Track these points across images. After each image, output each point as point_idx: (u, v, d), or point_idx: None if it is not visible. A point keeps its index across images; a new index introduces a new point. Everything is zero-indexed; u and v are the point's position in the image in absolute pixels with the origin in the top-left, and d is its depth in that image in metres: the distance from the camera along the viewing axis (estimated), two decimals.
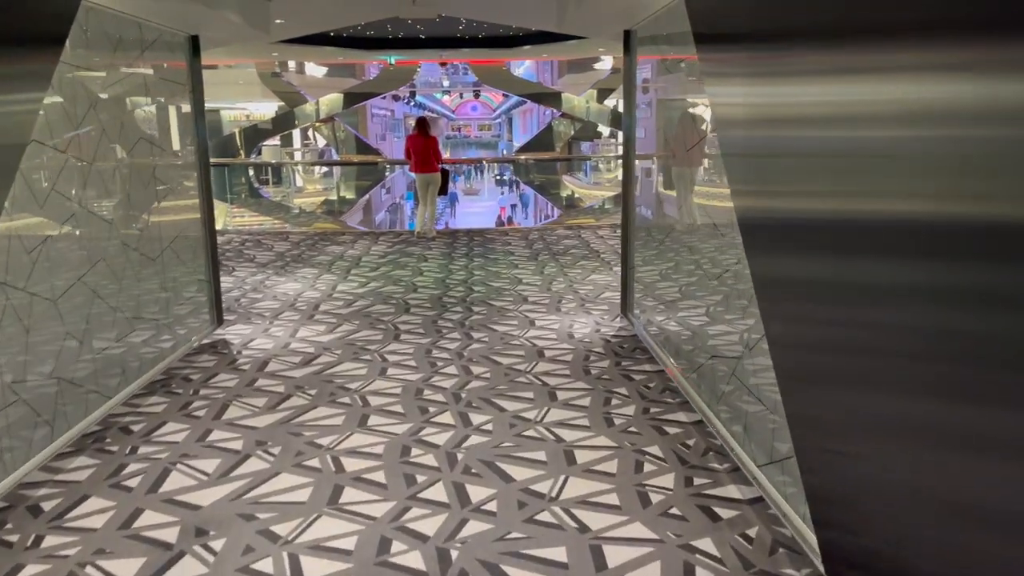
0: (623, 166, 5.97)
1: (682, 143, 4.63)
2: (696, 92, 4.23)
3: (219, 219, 14.56)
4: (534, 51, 11.24)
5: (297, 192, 18.82)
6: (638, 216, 5.87)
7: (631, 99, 5.77)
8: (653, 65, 5.30)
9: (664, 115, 5.05)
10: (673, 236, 4.85)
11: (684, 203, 4.61)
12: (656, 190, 5.35)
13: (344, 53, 10.89)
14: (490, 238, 11.04)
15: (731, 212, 3.39)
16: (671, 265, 4.89)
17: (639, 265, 5.85)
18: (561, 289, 7.54)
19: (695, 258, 4.29)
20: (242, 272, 8.68)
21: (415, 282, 8.02)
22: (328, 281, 8.11)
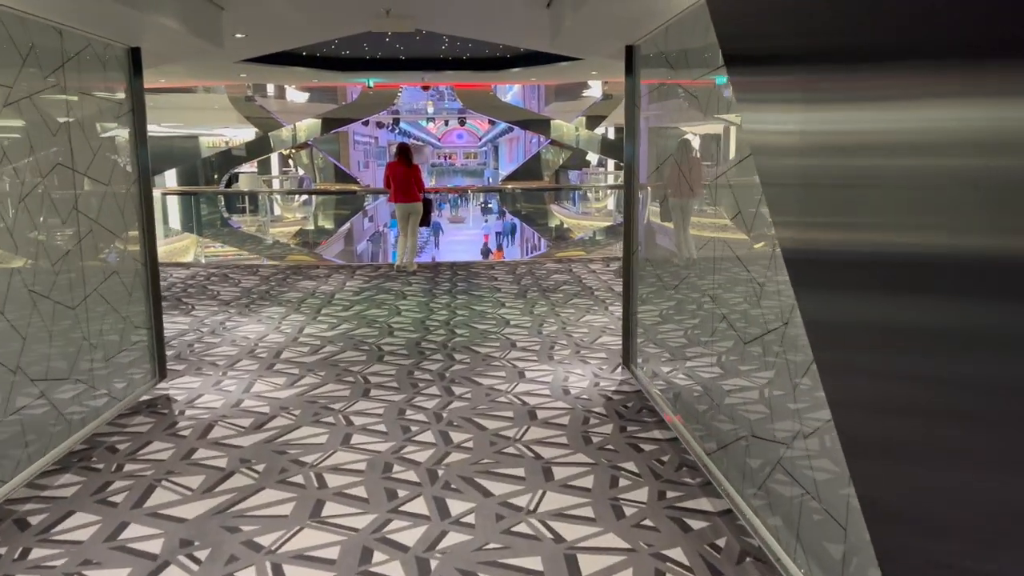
0: (625, 197, 5.27)
1: (680, 172, 4.13)
2: (698, 116, 3.57)
3: (189, 252, 13.78)
4: (523, 74, 10.62)
5: (274, 221, 18.08)
6: (640, 253, 5.17)
7: (634, 123, 5.09)
8: (652, 87, 4.63)
9: (674, 141, 4.37)
10: (680, 273, 4.15)
11: (682, 236, 4.14)
12: (661, 223, 4.68)
13: (318, 75, 10.23)
14: (475, 272, 10.32)
15: (740, 245, 2.71)
16: (687, 309, 4.18)
17: (643, 308, 5.13)
18: (553, 332, 6.81)
19: (710, 302, 3.58)
20: (202, 311, 7.90)
21: (391, 324, 7.26)
22: (295, 322, 7.34)
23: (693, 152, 4.14)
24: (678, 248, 4.46)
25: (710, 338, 3.68)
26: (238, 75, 9.86)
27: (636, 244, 5.17)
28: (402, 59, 10.15)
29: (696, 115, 3.90)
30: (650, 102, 4.80)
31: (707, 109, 3.65)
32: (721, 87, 4.09)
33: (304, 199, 18.09)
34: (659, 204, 4.69)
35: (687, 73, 3.98)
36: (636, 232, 5.17)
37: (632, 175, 5.15)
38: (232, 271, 10.61)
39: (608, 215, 18.50)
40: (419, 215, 10.38)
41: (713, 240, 3.58)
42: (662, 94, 4.53)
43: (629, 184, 5.19)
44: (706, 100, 3.67)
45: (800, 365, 2.63)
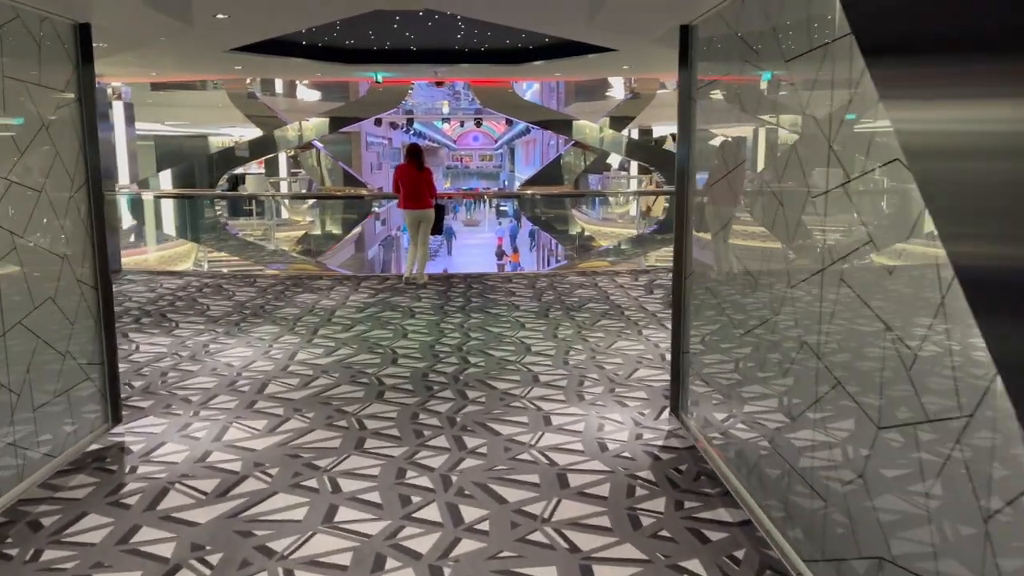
0: (676, 210, 4.34)
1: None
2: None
3: (187, 259, 12.96)
4: (545, 68, 9.67)
5: (281, 225, 17.27)
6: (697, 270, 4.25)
7: (689, 121, 4.18)
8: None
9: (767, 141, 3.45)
10: (758, 311, 3.23)
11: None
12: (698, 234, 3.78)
13: (321, 68, 9.35)
14: (491, 285, 9.42)
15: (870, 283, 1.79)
16: (768, 360, 3.26)
17: (698, 345, 4.21)
18: (581, 362, 5.90)
19: (811, 358, 2.66)
20: (186, 330, 7.04)
21: (396, 348, 6.37)
22: (287, 346, 6.47)
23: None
24: (716, 262, 3.62)
25: (813, 410, 2.75)
26: (232, 67, 9.04)
27: (690, 267, 4.25)
28: (413, 50, 9.25)
29: (787, 112, 2.98)
30: (712, 95, 3.87)
31: (810, 105, 2.73)
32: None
33: (314, 202, 17.27)
34: (720, 219, 3.79)
35: (772, 60, 3.06)
36: (689, 252, 4.25)
37: (685, 183, 4.23)
38: (228, 281, 9.77)
39: (631, 221, 17.55)
40: (431, 222, 9.50)
41: (819, 270, 2.66)
42: (730, 86, 3.61)
43: (681, 194, 4.27)
44: (804, 95, 2.75)
45: (1002, 486, 1.71)
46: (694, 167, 4.15)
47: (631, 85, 16.30)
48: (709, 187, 3.91)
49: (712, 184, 3.84)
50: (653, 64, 8.96)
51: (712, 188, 3.83)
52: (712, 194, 3.82)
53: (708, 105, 3.91)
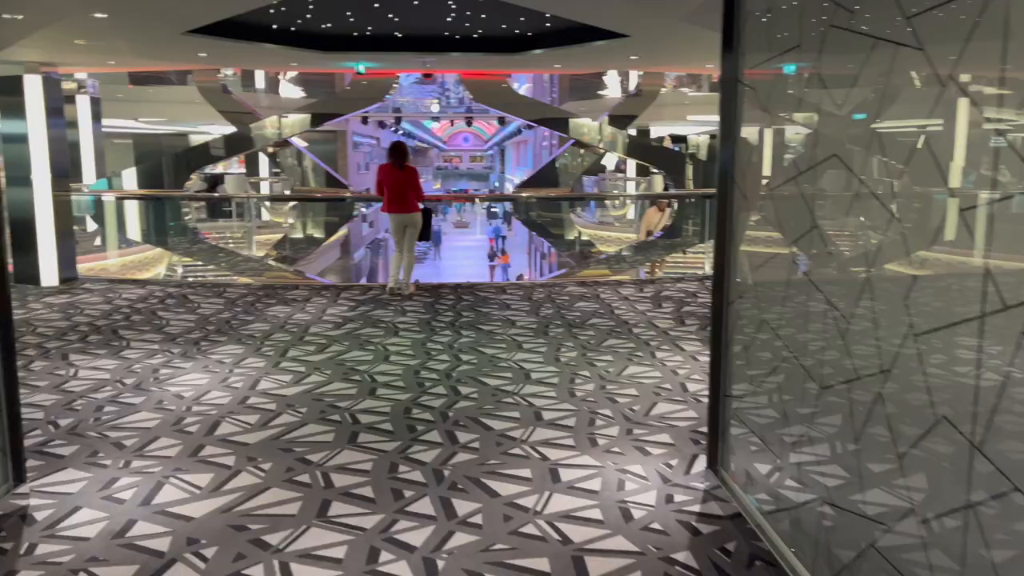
0: (718, 220, 3.52)
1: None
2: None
3: (154, 265, 12.05)
4: (545, 58, 8.80)
5: (261, 227, 16.40)
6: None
7: (733, 115, 3.36)
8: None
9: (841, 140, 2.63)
10: (832, 342, 2.42)
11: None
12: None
13: (296, 55, 8.47)
14: (483, 296, 8.59)
15: None
16: (845, 408, 2.44)
17: (745, 387, 3.40)
18: (590, 394, 5.08)
19: (925, 403, 1.85)
20: (137, 350, 6.18)
21: (375, 375, 5.54)
22: (251, 370, 5.62)
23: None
24: (783, 288, 2.83)
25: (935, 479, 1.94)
26: (196, 54, 8.18)
27: (735, 291, 3.42)
28: (398, 37, 8.39)
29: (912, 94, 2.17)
30: (775, 76, 3.05)
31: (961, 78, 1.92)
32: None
33: (296, 203, 16.37)
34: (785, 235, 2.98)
35: (880, 19, 2.25)
36: (734, 272, 3.43)
37: (729, 189, 3.41)
38: (195, 291, 8.90)
39: (630, 225, 16.76)
40: (417, 227, 8.67)
41: (974, 317, 1.84)
42: (809, 61, 2.80)
43: (724, 203, 3.45)
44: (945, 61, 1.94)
45: None
46: (741, 170, 3.33)
47: (639, 78, 15.54)
48: (770, 194, 3.08)
49: (775, 189, 3.02)
50: (664, 54, 8.16)
51: (779, 195, 3.00)
52: (778, 204, 2.99)
53: (768, 90, 3.08)
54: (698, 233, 12.74)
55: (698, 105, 17.00)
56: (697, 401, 4.94)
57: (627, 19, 6.03)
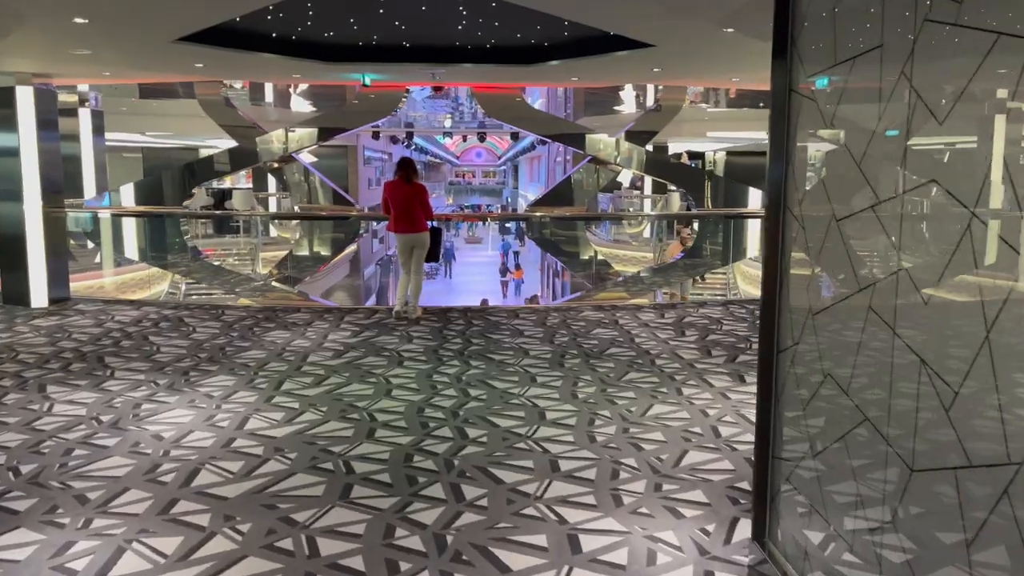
0: (767, 249, 3.02)
1: None
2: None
3: (157, 284, 11.64)
4: (561, 71, 8.30)
5: (268, 244, 16.02)
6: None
7: (785, 130, 2.87)
8: None
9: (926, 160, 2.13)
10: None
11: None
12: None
13: (297, 66, 8.04)
14: (494, 320, 8.11)
15: None
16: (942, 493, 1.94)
17: (801, 448, 2.89)
18: (611, 439, 4.57)
19: None
20: (121, 381, 5.73)
21: (375, 412, 5.05)
22: (240, 405, 5.15)
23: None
24: (858, 334, 2.31)
25: None
26: (192, 65, 7.79)
27: (790, 335, 2.91)
28: (405, 46, 7.96)
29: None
30: (844, 83, 2.56)
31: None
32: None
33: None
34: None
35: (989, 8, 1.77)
36: (787, 312, 2.92)
37: (780, 214, 2.92)
38: (192, 314, 8.47)
39: (646, 243, 16.27)
40: (425, 247, 8.21)
41: None
42: (889, 63, 2.31)
43: (775, 229, 2.95)
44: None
45: None
46: (794, 194, 2.83)
47: (648, 97, 15.09)
48: (836, 222, 2.59)
49: (845, 220, 2.52)
50: (688, 66, 7.69)
51: (850, 225, 2.50)
52: (849, 235, 2.49)
53: (834, 101, 2.59)
54: (718, 254, 12.24)
55: (717, 121, 16.54)
56: (732, 449, 4.42)
57: (658, 26, 5.57)
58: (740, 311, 8.74)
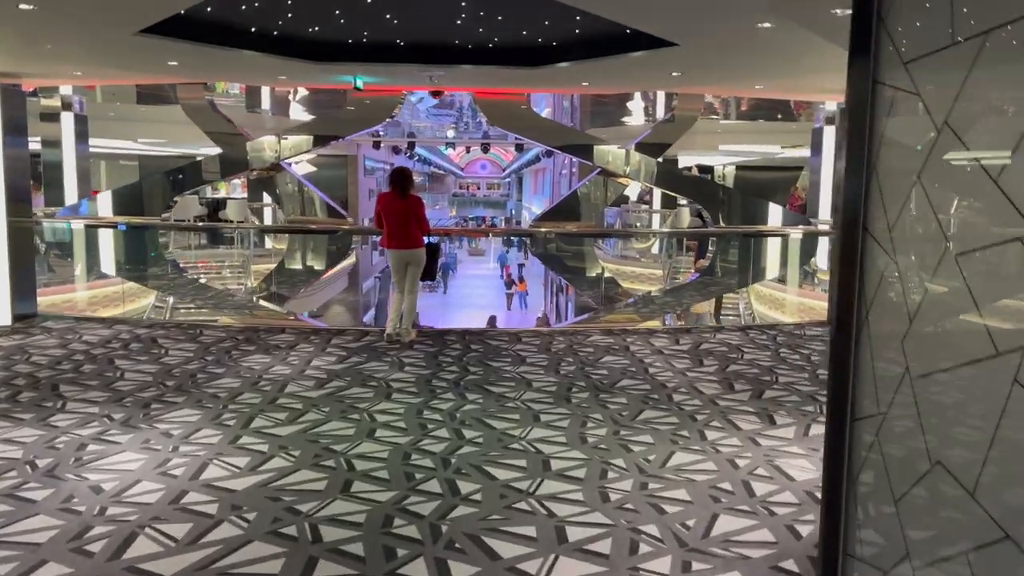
0: (840, 288, 2.35)
1: None
2: None
3: (140, 300, 10.98)
4: (571, 73, 7.62)
5: (260, 256, 15.38)
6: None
7: (863, 131, 2.21)
8: None
9: None
10: None
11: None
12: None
13: (280, 66, 7.37)
14: (494, 345, 7.45)
15: None
16: None
17: (878, 543, 2.21)
18: (627, 498, 3.90)
19: None
20: (71, 415, 5.08)
21: (353, 459, 4.39)
22: (200, 448, 4.49)
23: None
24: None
25: None
26: (166, 64, 7.16)
27: (870, 402, 2.24)
28: (399, 45, 7.32)
29: None
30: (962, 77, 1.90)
31: None
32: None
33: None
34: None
35: None
36: (867, 367, 2.25)
37: (858, 238, 2.25)
38: (168, 333, 7.82)
39: (655, 260, 15.60)
40: (420, 265, 7.56)
41: None
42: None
43: (850, 264, 2.28)
44: None
45: None
46: (887, 211, 2.17)
47: (664, 106, 14.51)
48: (952, 252, 1.92)
49: (980, 250, 1.86)
50: (712, 68, 7.04)
51: (991, 258, 1.84)
52: (970, 271, 1.82)
53: (950, 92, 1.93)
54: (731, 273, 11.57)
55: (731, 134, 15.91)
56: (769, 513, 3.75)
57: (685, 20, 4.92)
58: (761, 337, 8.07)
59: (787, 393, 5.91)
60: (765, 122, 15.17)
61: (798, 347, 7.57)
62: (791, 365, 6.82)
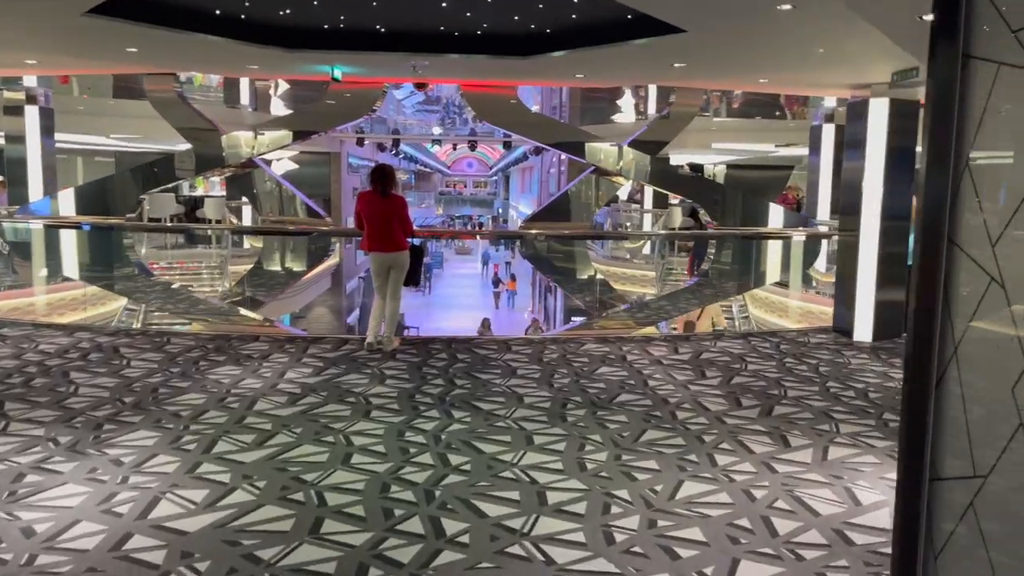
0: (919, 301, 1.90)
1: None
2: None
3: (110, 303, 10.42)
4: (565, 63, 7.13)
5: (238, 256, 14.83)
6: None
7: (948, 118, 1.75)
8: None
9: None
10: None
11: None
12: None
13: (250, 52, 6.75)
14: (483, 356, 6.97)
15: None
16: None
17: None
18: (634, 537, 3.45)
19: None
20: (11, 439, 4.57)
21: (324, 491, 3.91)
22: (153, 478, 3.99)
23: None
24: None
25: None
26: (124, 50, 6.62)
27: (954, 461, 1.78)
28: (380, 31, 6.80)
29: None
30: None
31: None
32: None
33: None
34: None
35: None
36: (950, 417, 1.79)
37: (942, 253, 1.79)
38: (133, 341, 7.30)
39: (647, 261, 15.17)
40: (403, 269, 7.09)
41: None
42: None
43: (929, 279, 1.83)
44: None
45: None
46: (985, 219, 1.72)
47: (655, 103, 14.09)
48: None
49: None
50: (719, 60, 6.57)
51: None
52: None
53: None
54: (728, 276, 11.14)
55: (725, 132, 15.49)
56: (796, 557, 3.30)
57: (705, 2, 4.45)
58: (764, 345, 7.64)
59: (798, 409, 5.48)
60: (763, 119, 14.78)
61: (804, 356, 7.15)
62: (799, 376, 6.40)
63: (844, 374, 6.52)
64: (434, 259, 38.40)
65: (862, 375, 6.50)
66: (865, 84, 7.26)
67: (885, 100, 7.20)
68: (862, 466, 4.40)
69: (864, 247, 7.62)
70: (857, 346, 7.64)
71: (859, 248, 7.67)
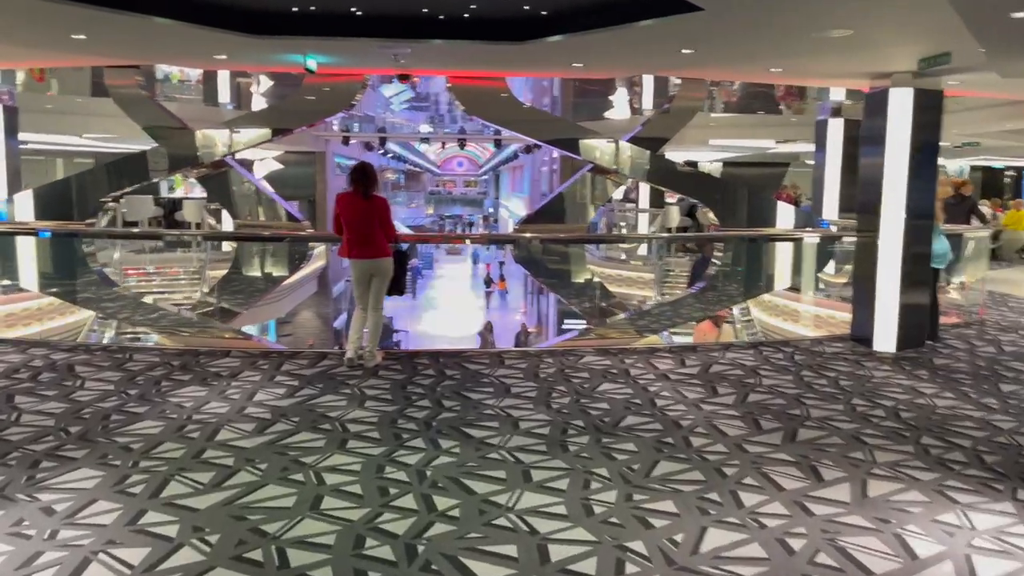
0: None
1: None
2: None
3: (53, 316, 9.71)
4: (563, 51, 6.48)
5: (218, 260, 14.14)
6: None
7: None
8: None
9: None
10: None
11: None
12: None
13: (216, 40, 6.12)
14: (473, 371, 6.39)
15: None
16: None
17: None
18: None
19: None
20: None
21: (287, 546, 3.31)
22: (85, 533, 3.39)
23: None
24: None
25: None
26: (70, 37, 5.99)
27: None
28: (356, 15, 6.15)
29: None
30: None
31: None
32: None
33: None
34: None
35: None
36: None
37: None
38: (93, 358, 6.67)
39: (644, 262, 14.59)
40: (387, 276, 6.50)
41: None
42: None
43: None
44: None
45: None
46: None
47: (652, 98, 13.52)
48: None
49: None
50: (732, 46, 5.98)
51: None
52: None
53: None
54: (729, 275, 10.57)
55: (723, 128, 14.94)
56: None
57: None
58: (776, 356, 7.09)
59: (825, 433, 4.92)
60: (765, 115, 14.24)
61: (821, 368, 6.59)
62: (820, 393, 5.84)
63: (868, 389, 5.97)
64: (423, 260, 37.81)
65: (888, 390, 5.95)
66: (886, 73, 6.71)
67: (908, 90, 6.65)
68: (909, 506, 3.84)
69: (885, 248, 7.07)
70: (878, 356, 7.09)
71: (878, 249, 7.12)
